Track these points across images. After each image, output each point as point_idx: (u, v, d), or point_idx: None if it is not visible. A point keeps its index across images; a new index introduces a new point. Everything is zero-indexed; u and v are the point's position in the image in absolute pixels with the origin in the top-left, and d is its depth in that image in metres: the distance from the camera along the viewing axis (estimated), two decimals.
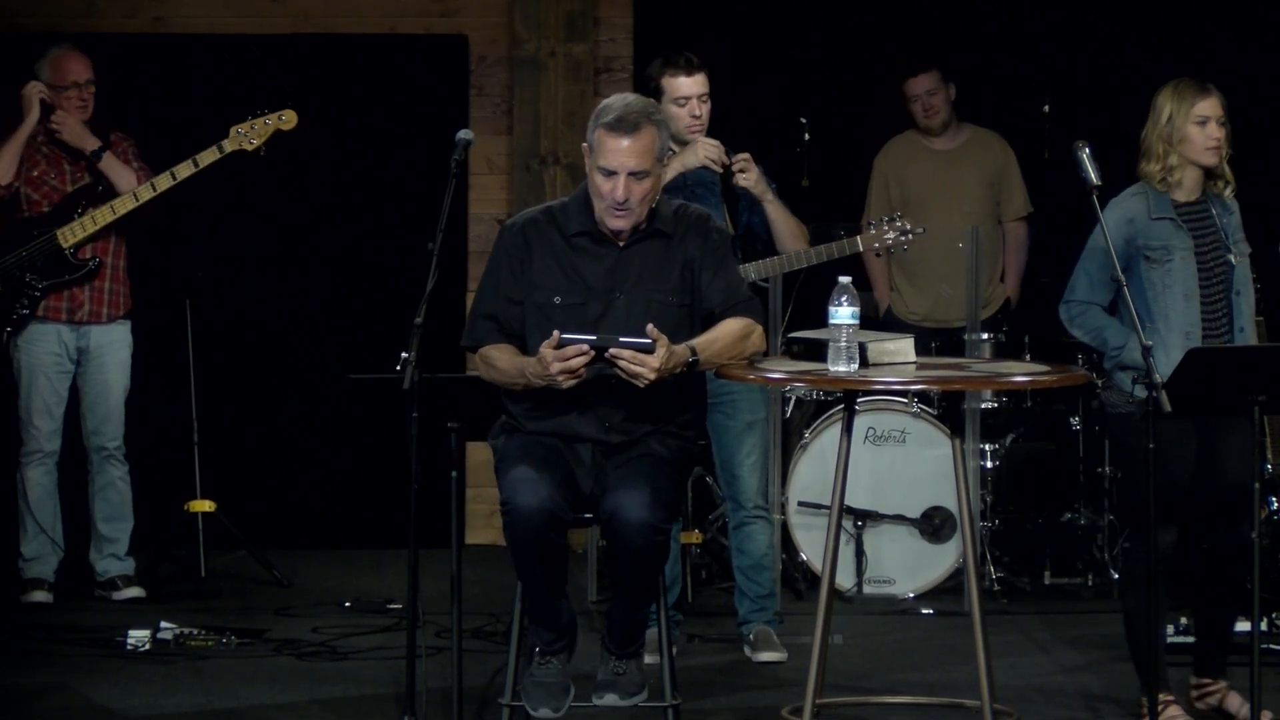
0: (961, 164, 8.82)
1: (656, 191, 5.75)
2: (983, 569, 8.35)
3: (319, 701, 6.70)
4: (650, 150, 5.65)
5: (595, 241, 5.75)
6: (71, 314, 8.12)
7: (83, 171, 8.11)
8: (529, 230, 5.79)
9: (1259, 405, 5.91)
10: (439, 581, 7.03)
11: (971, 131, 8.90)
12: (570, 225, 5.77)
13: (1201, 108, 6.24)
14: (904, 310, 8.86)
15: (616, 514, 5.54)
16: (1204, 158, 6.24)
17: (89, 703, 6.67)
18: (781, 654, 7.23)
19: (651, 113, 5.70)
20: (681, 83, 7.15)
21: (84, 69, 8.08)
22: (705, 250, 5.78)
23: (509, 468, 5.64)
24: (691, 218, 5.83)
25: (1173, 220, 6.25)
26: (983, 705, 5.93)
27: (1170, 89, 6.28)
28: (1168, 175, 6.26)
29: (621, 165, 5.63)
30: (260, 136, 7.94)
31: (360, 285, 9.31)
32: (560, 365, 5.50)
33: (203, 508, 8.57)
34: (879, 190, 8.83)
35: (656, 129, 5.68)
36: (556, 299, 5.72)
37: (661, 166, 5.75)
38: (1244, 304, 6.29)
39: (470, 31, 9.45)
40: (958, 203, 8.71)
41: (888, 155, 8.90)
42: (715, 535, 8.51)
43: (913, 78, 8.78)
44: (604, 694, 5.76)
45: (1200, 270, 6.24)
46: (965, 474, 6.15)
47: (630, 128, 5.62)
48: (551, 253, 5.75)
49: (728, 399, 7.22)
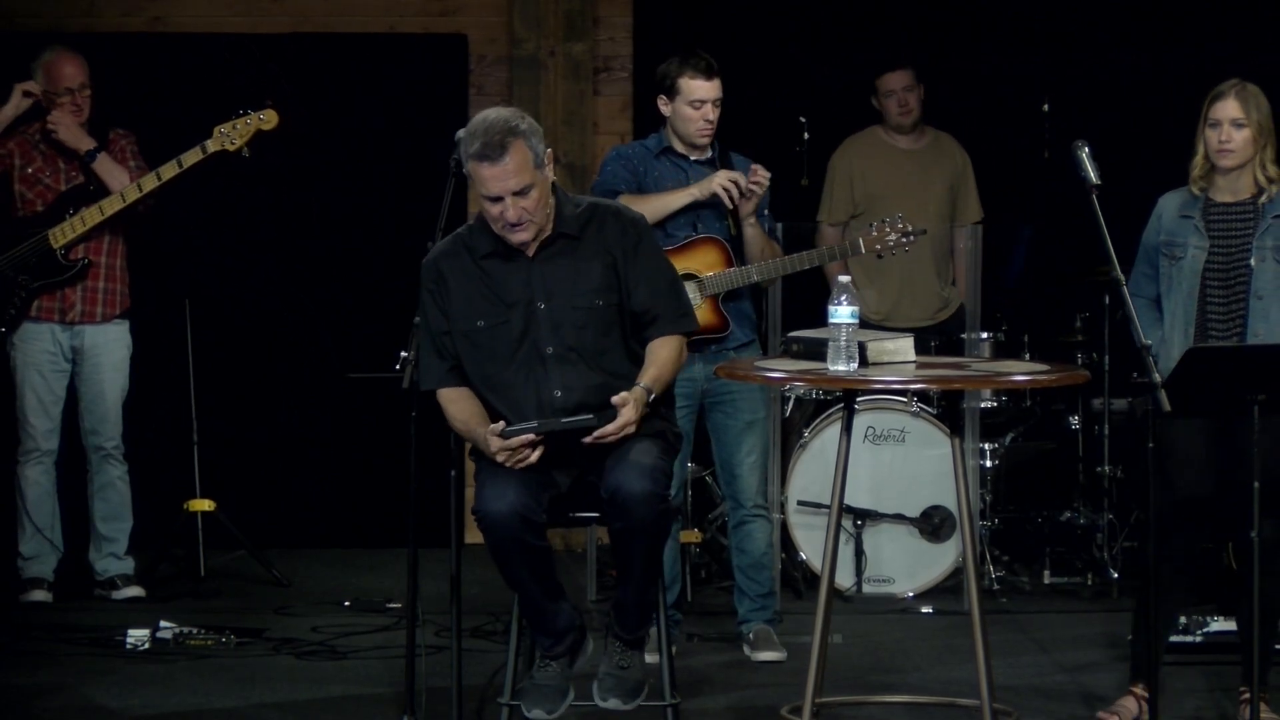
0: (927, 165, 8.79)
1: (547, 197, 5.71)
2: (982, 568, 8.35)
3: (319, 701, 6.70)
4: (525, 165, 5.60)
5: (506, 259, 5.75)
6: (63, 314, 8.11)
7: (77, 171, 8.11)
8: (442, 262, 5.79)
9: (1259, 405, 5.91)
10: (438, 581, 7.05)
11: (933, 134, 8.87)
12: (480, 247, 5.76)
13: (1215, 110, 6.24)
14: (865, 311, 8.79)
15: (619, 489, 5.54)
16: (1216, 160, 6.25)
17: (89, 702, 6.66)
18: (781, 653, 7.23)
19: (514, 125, 5.61)
20: (699, 86, 7.13)
21: (77, 73, 8.07)
22: (624, 242, 5.75)
23: (479, 475, 5.69)
24: (601, 212, 5.81)
25: (1193, 219, 6.26)
26: (982, 705, 5.93)
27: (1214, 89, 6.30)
28: (1200, 174, 6.29)
29: (502, 189, 5.60)
30: (242, 137, 7.94)
31: (360, 285, 9.31)
32: (505, 456, 5.58)
33: (202, 507, 8.57)
34: (842, 187, 8.77)
35: (524, 140, 5.60)
36: (480, 323, 5.73)
37: (545, 173, 5.67)
38: (1270, 308, 6.21)
39: (470, 31, 9.46)
40: (924, 203, 8.67)
41: (849, 152, 8.82)
42: (715, 534, 8.51)
43: (891, 73, 8.74)
44: (608, 697, 5.76)
45: (1214, 271, 6.24)
46: (965, 473, 6.15)
47: (497, 150, 5.56)
48: (466, 279, 5.75)
49: (728, 398, 7.22)
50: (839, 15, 9.62)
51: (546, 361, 5.71)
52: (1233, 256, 6.26)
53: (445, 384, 5.78)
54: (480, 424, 5.68)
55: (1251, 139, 6.22)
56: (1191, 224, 6.27)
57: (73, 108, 8.05)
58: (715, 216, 7.19)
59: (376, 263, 9.27)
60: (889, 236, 7.35)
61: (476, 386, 5.77)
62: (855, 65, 9.20)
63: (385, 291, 8.92)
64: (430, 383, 5.79)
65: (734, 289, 7.17)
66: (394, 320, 6.47)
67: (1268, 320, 6.21)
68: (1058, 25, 9.58)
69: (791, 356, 6.24)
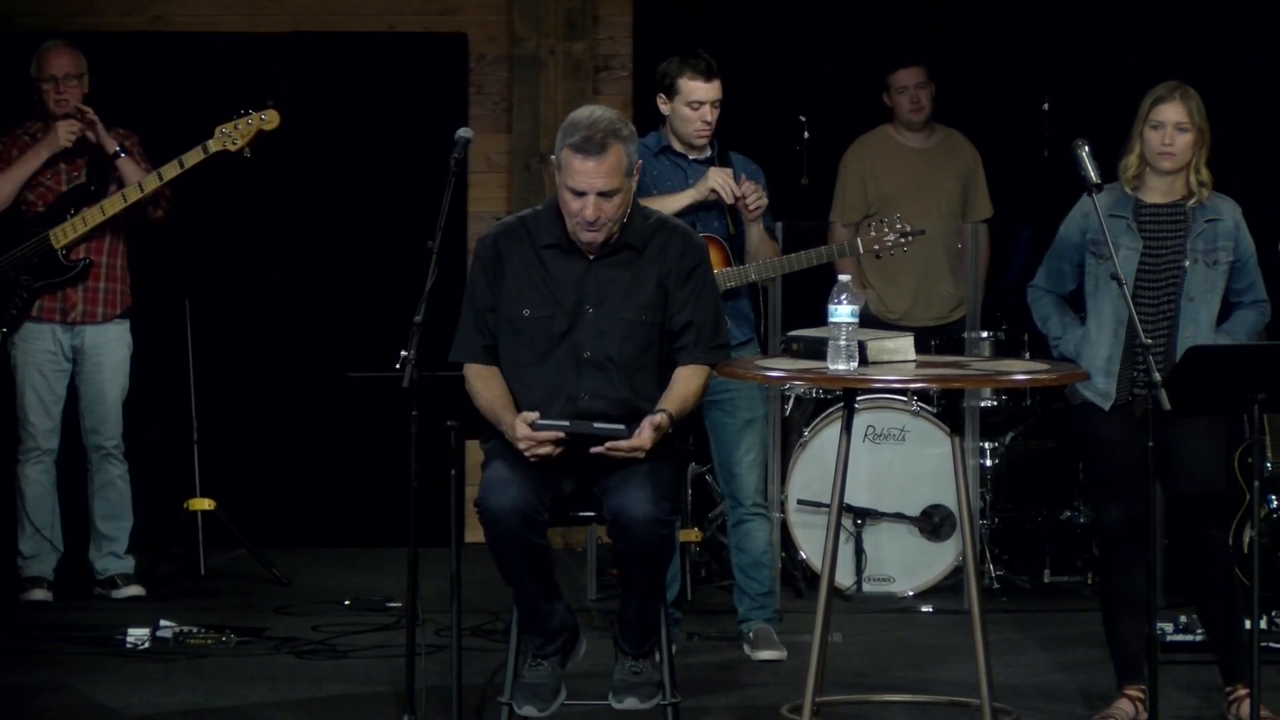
0: (938, 162, 8.80)
1: (627, 205, 5.73)
2: (982, 567, 8.35)
3: (319, 700, 6.70)
4: (618, 168, 5.62)
5: (565, 253, 5.75)
6: (65, 314, 8.12)
7: (79, 171, 8.11)
8: (501, 241, 5.80)
9: (1258, 404, 5.91)
10: (438, 580, 7.03)
11: (943, 131, 8.88)
12: (541, 236, 5.77)
13: (1158, 112, 6.24)
14: (882, 309, 8.83)
15: (621, 512, 5.55)
16: (1156, 162, 6.25)
17: (89, 702, 6.67)
18: (781, 652, 7.23)
19: (618, 129, 5.65)
20: (699, 86, 7.14)
21: (66, 63, 8.06)
22: (682, 264, 5.75)
23: (485, 469, 5.69)
24: (668, 229, 5.81)
25: (1125, 219, 6.26)
26: (982, 704, 5.93)
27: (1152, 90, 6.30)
28: (1133, 174, 6.28)
29: (590, 186, 5.62)
30: (244, 137, 7.94)
31: (360, 284, 9.31)
32: (528, 444, 5.58)
33: (202, 506, 8.57)
34: (854, 187, 8.78)
35: (624, 145, 5.63)
36: (525, 311, 5.74)
37: (631, 182, 5.71)
38: (1199, 310, 6.23)
39: (469, 30, 9.45)
40: (935, 201, 8.69)
41: (861, 151, 8.85)
42: (714, 533, 8.51)
43: (904, 69, 8.75)
44: (624, 698, 5.77)
45: (1146, 272, 6.23)
46: (965, 472, 6.15)
47: (597, 148, 5.59)
48: (523, 264, 5.76)
49: (727, 397, 7.22)
50: (839, 15, 9.62)
51: (581, 365, 5.72)
52: (1164, 258, 6.26)
53: (478, 360, 5.79)
54: (506, 408, 5.68)
55: (1192, 143, 6.23)
56: (1124, 224, 6.26)
57: (55, 96, 8.04)
58: (714, 216, 7.19)
59: (376, 263, 9.27)
60: (887, 237, 7.35)
61: (504, 370, 5.77)
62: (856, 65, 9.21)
63: (385, 291, 8.92)
64: (463, 355, 5.80)
65: (732, 288, 7.17)
66: (394, 320, 6.46)
67: (1197, 322, 6.23)
68: (1058, 25, 9.58)
69: (792, 355, 6.23)
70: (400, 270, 7.81)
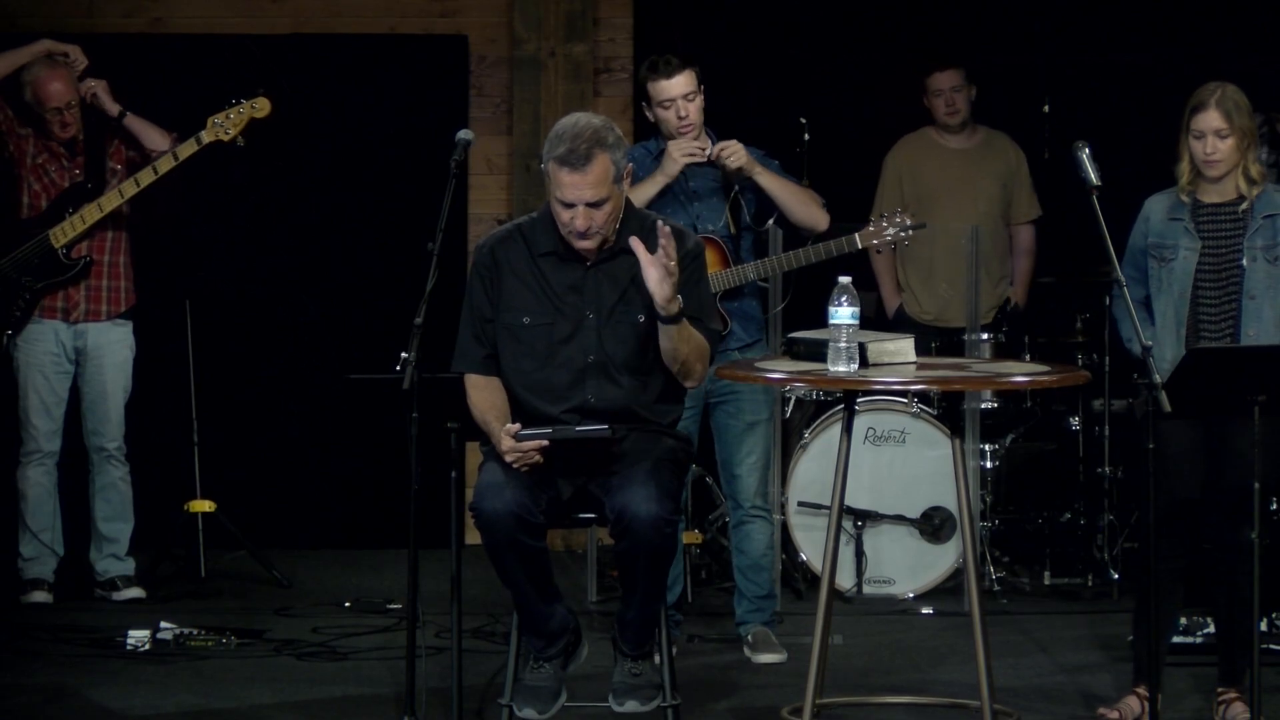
0: (977, 163, 8.81)
1: (619, 211, 5.72)
2: (983, 569, 8.34)
3: (319, 702, 6.70)
4: (605, 178, 5.60)
5: (562, 260, 5.75)
6: (67, 313, 8.12)
7: (80, 168, 8.11)
8: (499, 250, 5.80)
9: (1259, 405, 5.91)
10: (439, 581, 7.04)
11: (985, 132, 8.89)
12: (539, 244, 5.77)
13: (1197, 121, 6.24)
14: (917, 310, 8.83)
15: (624, 512, 5.55)
16: (1204, 170, 6.26)
17: (89, 703, 6.67)
18: (781, 654, 7.23)
19: (603, 138, 5.61)
20: (663, 86, 7.15)
21: (65, 90, 8.04)
22: (680, 264, 5.72)
23: (481, 472, 5.69)
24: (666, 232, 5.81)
25: (1183, 221, 6.26)
26: (983, 705, 5.93)
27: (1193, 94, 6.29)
28: (1187, 181, 6.29)
29: (578, 198, 5.61)
30: (236, 126, 7.94)
31: (360, 285, 9.31)
32: (514, 455, 5.58)
33: (203, 508, 8.57)
34: (891, 187, 8.80)
35: (609, 153, 5.60)
36: (525, 319, 5.74)
37: (621, 187, 5.69)
38: (1262, 308, 6.22)
39: (470, 32, 9.45)
40: (972, 202, 8.70)
41: (901, 152, 8.87)
42: (715, 535, 8.51)
43: (940, 71, 8.75)
44: (624, 700, 5.76)
45: (1206, 272, 6.25)
46: (965, 474, 6.15)
47: (582, 160, 5.57)
48: (520, 272, 5.77)
49: (732, 399, 7.22)
50: (839, 16, 9.62)
51: (585, 369, 5.72)
52: (1224, 257, 6.26)
53: (477, 370, 5.80)
54: (497, 419, 5.69)
55: (1235, 146, 6.23)
56: (1181, 226, 6.28)
57: (60, 125, 8.05)
58: (714, 215, 7.19)
59: (376, 263, 9.27)
60: (886, 231, 7.34)
61: (508, 379, 5.77)
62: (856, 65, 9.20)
63: (385, 291, 8.92)
64: (464, 365, 5.81)
65: (734, 288, 7.17)
66: (394, 320, 6.46)
67: (1260, 320, 6.22)
68: (1058, 25, 9.59)
69: (792, 357, 6.24)
70: (400, 272, 7.82)
